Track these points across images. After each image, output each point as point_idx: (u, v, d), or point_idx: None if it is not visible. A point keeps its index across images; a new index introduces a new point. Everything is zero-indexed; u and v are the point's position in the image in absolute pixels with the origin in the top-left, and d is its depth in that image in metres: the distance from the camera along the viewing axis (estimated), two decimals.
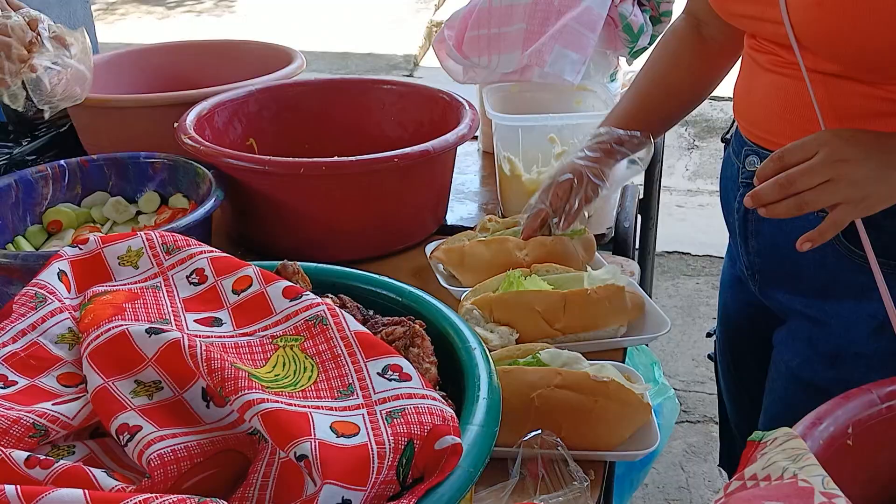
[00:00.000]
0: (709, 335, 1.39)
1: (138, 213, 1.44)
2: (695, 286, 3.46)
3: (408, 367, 0.73)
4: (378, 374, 0.72)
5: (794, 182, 0.94)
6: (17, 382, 0.75)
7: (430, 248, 1.39)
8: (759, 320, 1.27)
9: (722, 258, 3.67)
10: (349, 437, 0.65)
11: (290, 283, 0.83)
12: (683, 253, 3.69)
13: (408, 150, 1.35)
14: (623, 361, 1.19)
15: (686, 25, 1.30)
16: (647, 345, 2.27)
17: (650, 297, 2.48)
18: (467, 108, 1.52)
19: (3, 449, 0.66)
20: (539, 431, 0.92)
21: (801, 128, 1.04)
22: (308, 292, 0.81)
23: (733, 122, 1.24)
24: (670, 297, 3.38)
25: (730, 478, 1.37)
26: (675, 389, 2.89)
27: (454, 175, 1.59)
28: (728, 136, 1.26)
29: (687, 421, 2.78)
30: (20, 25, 1.26)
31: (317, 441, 0.63)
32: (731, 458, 1.43)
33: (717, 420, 2.77)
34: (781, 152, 0.96)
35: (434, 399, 0.70)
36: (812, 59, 1.01)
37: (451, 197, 1.59)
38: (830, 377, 1.13)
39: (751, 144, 1.16)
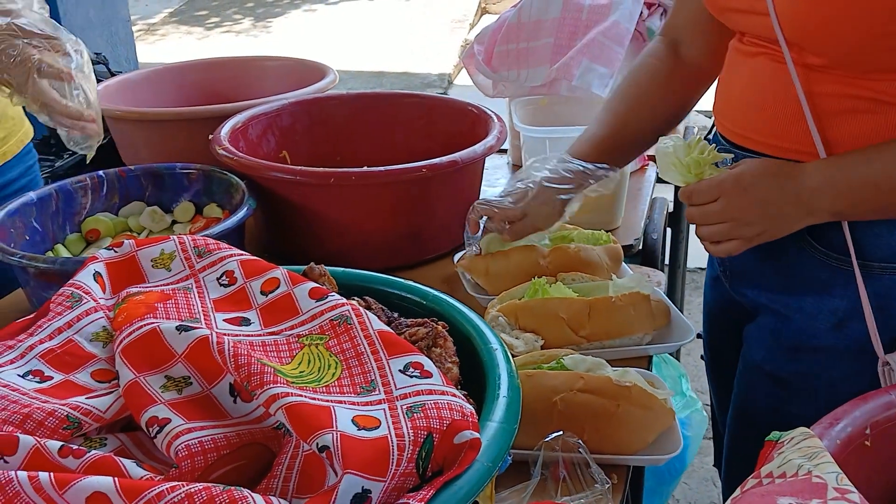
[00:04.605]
0: (698, 336, 1.41)
1: (174, 222, 1.47)
2: None
3: (429, 364, 0.75)
4: (400, 371, 0.74)
5: (694, 218, 1.10)
6: (52, 378, 0.78)
7: (458, 256, 1.40)
8: (734, 316, 1.29)
9: None
10: (370, 430, 0.67)
11: (317, 285, 0.85)
12: None
13: (435, 160, 1.37)
14: (649, 369, 1.20)
15: (663, 47, 1.30)
16: (678, 359, 2.26)
17: (680, 309, 2.45)
18: (495, 120, 1.54)
19: (38, 439, 0.68)
20: (560, 433, 0.93)
21: (783, 124, 1.06)
22: (333, 293, 0.83)
23: (713, 125, 1.24)
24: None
25: (720, 476, 1.38)
26: (708, 405, 2.87)
27: (484, 188, 1.61)
28: (708, 137, 1.24)
29: None
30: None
31: (338, 433, 0.65)
32: (719, 457, 1.43)
33: None
34: (689, 192, 1.09)
35: (454, 395, 0.72)
36: (798, 53, 1.03)
37: None
38: (791, 370, 1.16)
39: (726, 144, 1.16)
